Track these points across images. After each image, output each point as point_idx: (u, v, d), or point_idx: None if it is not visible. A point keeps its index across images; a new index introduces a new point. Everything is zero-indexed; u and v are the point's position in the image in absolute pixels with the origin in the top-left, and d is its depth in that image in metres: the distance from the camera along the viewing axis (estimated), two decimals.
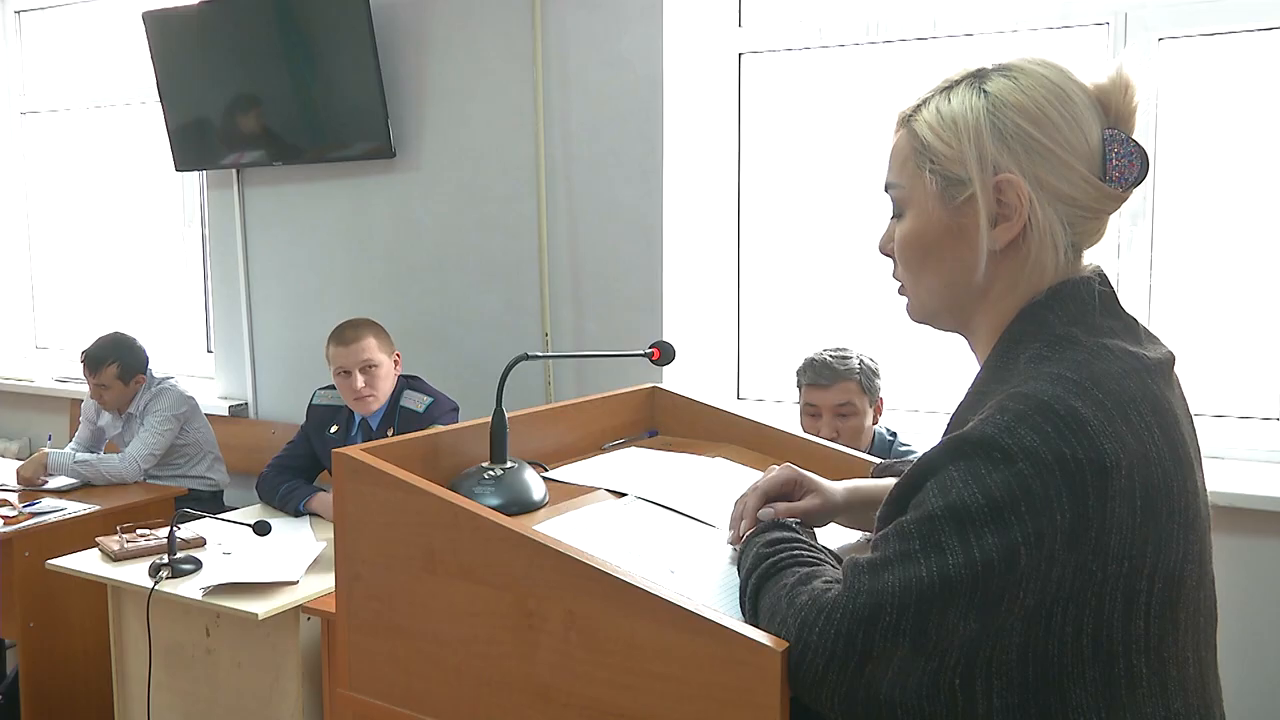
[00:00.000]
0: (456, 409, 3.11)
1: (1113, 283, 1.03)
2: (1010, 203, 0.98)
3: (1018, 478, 0.87)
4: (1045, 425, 0.88)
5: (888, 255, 1.10)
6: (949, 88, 1.03)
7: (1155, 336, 1.03)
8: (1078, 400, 0.89)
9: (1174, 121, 2.70)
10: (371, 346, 3.05)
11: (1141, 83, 1.01)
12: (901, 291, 1.10)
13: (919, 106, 1.04)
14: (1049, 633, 0.89)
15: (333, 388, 3.14)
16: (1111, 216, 1.02)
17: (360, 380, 3.02)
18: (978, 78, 1.02)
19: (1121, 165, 0.99)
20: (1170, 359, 1.02)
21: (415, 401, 3.09)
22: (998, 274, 1.01)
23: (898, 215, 1.08)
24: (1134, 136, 1.01)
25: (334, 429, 3.06)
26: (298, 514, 3.03)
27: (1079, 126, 0.98)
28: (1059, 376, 0.92)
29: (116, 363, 3.61)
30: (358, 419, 3.14)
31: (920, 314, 1.09)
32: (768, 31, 3.18)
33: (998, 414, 0.90)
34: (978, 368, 1.05)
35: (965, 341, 1.09)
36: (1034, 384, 0.91)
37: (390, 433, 3.05)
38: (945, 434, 0.98)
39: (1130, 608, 0.91)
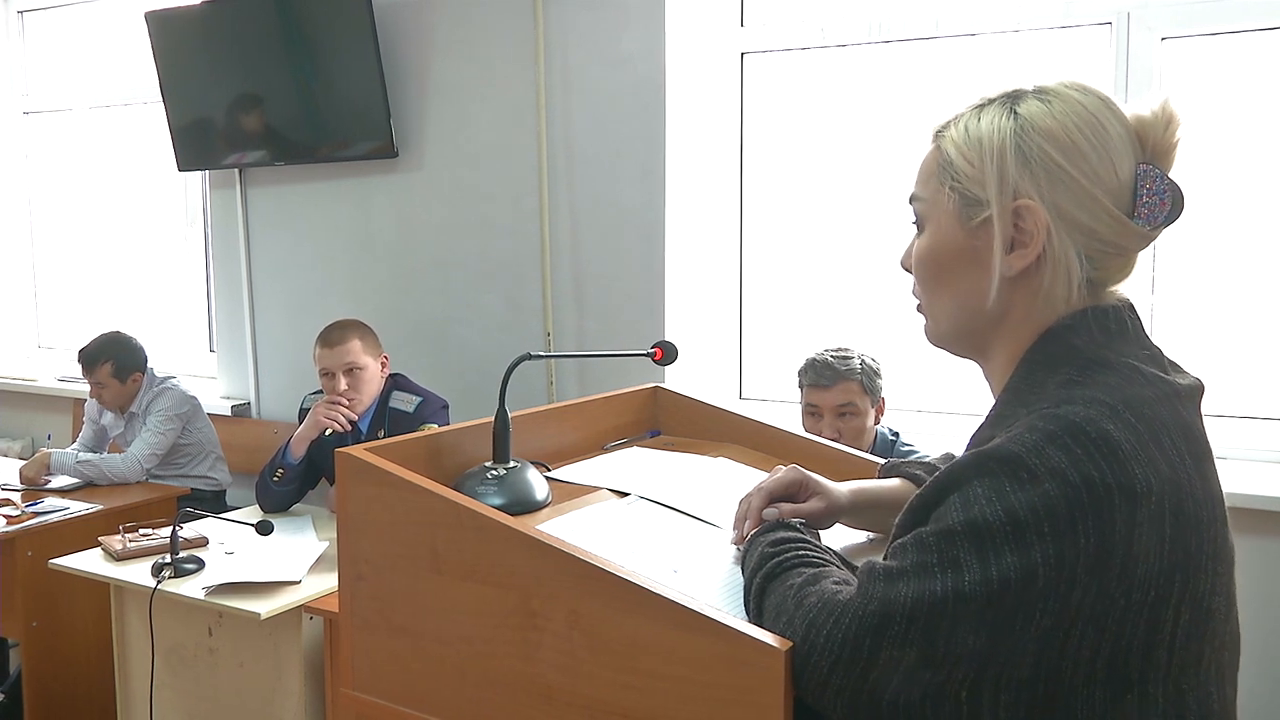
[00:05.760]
0: (446, 406, 3.11)
1: (1143, 316, 1.01)
2: (1028, 229, 0.96)
3: (1043, 499, 0.85)
4: (1075, 447, 0.86)
5: (909, 270, 1.07)
6: (983, 106, 1.01)
7: (1180, 366, 1.01)
8: (1110, 424, 0.88)
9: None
10: (356, 349, 3.04)
11: (1186, 118, 0.98)
12: (920, 310, 1.08)
13: (951, 122, 1.02)
14: (1064, 655, 0.87)
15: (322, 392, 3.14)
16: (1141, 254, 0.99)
17: (344, 383, 3.02)
18: (1012, 98, 0.99)
19: (1151, 203, 0.96)
20: (1199, 387, 1.00)
21: (404, 401, 3.09)
22: (1012, 301, 0.99)
23: (919, 229, 1.05)
24: (1171, 174, 0.98)
25: (327, 431, 3.05)
26: (283, 471, 3.04)
27: (1109, 158, 0.96)
28: (1092, 399, 0.90)
29: (111, 361, 3.62)
30: None
31: (935, 337, 1.07)
32: (770, 31, 3.18)
33: (1027, 433, 0.89)
34: (991, 396, 1.03)
35: (979, 368, 1.07)
36: (1067, 406, 0.90)
37: (381, 434, 3.05)
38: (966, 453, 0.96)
39: (1154, 637, 0.89)
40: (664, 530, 1.25)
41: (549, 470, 1.44)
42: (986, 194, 0.97)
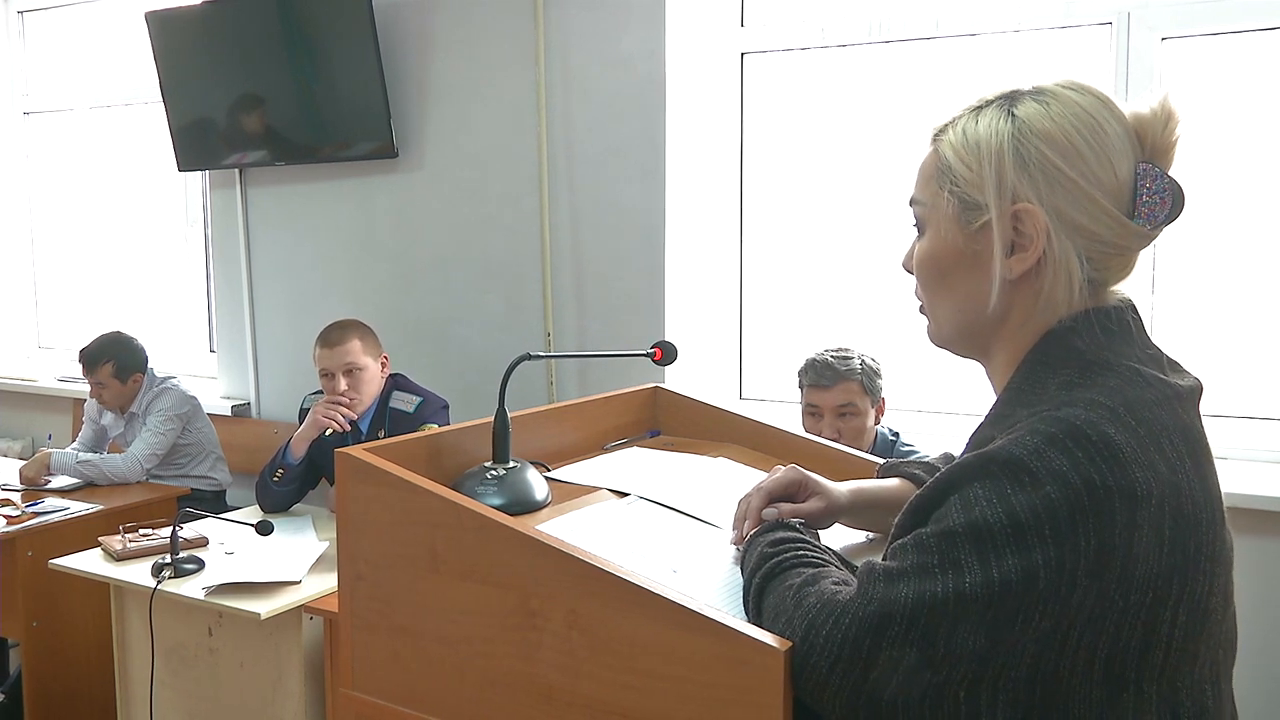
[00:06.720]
0: (446, 406, 3.11)
1: (1143, 316, 1.01)
2: (1027, 233, 0.96)
3: (1044, 501, 0.86)
4: (1076, 450, 0.87)
5: (910, 272, 1.08)
6: (980, 108, 1.00)
7: (1180, 366, 1.01)
8: (1111, 427, 0.88)
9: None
10: (356, 349, 3.04)
11: (1185, 115, 0.98)
12: (922, 311, 1.08)
13: (949, 125, 1.02)
14: (1062, 655, 0.88)
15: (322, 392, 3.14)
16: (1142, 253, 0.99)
17: (344, 383, 3.02)
18: (1009, 100, 0.99)
19: (1151, 203, 0.96)
20: (1199, 388, 1.00)
21: (404, 402, 3.09)
22: (1013, 304, 0.99)
23: (919, 232, 1.05)
24: (1170, 172, 0.98)
25: (327, 431, 3.05)
26: (283, 470, 3.05)
27: (1108, 159, 0.96)
28: (1093, 402, 0.90)
29: (112, 361, 3.62)
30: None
31: (937, 339, 1.08)
32: (770, 31, 3.18)
33: (1028, 435, 0.89)
34: (993, 394, 1.03)
35: (981, 367, 1.07)
36: (1068, 409, 0.90)
37: (381, 434, 3.05)
38: (966, 453, 0.96)
39: (1151, 638, 0.90)
40: (664, 530, 1.25)
41: (549, 470, 1.44)
42: (985, 198, 0.97)
